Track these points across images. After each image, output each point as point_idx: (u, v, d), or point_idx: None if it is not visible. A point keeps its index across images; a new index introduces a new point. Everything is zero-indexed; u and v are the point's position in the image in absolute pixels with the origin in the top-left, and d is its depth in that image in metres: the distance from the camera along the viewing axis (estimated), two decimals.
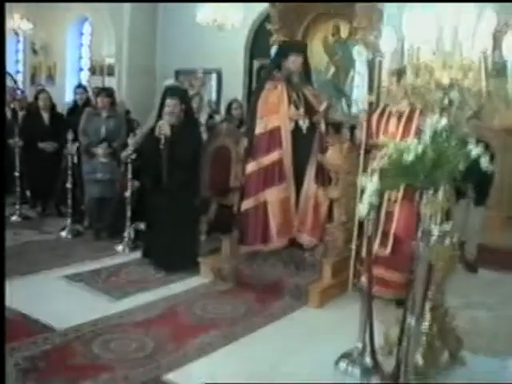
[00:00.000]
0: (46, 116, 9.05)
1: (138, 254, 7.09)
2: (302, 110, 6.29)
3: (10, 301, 4.84)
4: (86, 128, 8.06)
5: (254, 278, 6.17)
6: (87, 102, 9.33)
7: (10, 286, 4.91)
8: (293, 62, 6.29)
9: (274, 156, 6.21)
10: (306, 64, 6.49)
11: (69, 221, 8.04)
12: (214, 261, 6.55)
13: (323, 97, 6.61)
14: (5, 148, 8.59)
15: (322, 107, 6.37)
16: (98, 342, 4.71)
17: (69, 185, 7.96)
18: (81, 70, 15.33)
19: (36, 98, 9.25)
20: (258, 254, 6.37)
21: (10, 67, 13.57)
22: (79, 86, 10.25)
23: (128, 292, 5.91)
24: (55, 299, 5.60)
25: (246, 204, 6.38)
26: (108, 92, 8.45)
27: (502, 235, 8.22)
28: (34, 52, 15.67)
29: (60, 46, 15.22)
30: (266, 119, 6.24)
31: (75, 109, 9.47)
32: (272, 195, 6.23)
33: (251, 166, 6.34)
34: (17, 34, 13.38)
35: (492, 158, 5.89)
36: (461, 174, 3.68)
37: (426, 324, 4.21)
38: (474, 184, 6.49)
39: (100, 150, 7.84)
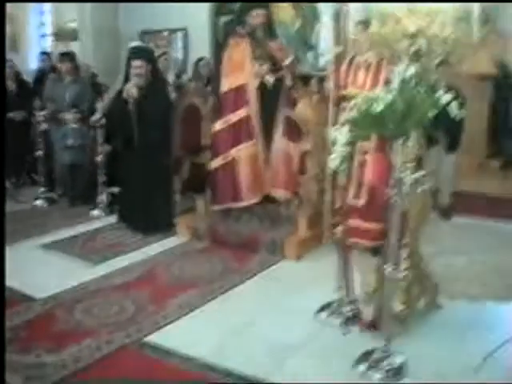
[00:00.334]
0: (12, 85, 8.87)
1: (113, 219, 7.06)
2: (266, 66, 6.20)
3: None
4: (51, 94, 7.95)
5: (230, 235, 6.17)
6: (53, 69, 9.12)
7: None
8: (255, 16, 6.19)
9: (240, 113, 6.16)
10: (269, 18, 6.38)
11: (42, 189, 7.97)
12: (190, 220, 6.53)
13: (289, 50, 6.53)
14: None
15: (287, 62, 6.29)
16: (78, 308, 4.68)
17: (40, 153, 7.86)
18: (43, 36, 15.01)
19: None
20: (232, 211, 6.36)
21: None
22: (43, 53, 10.03)
23: (106, 256, 5.88)
24: (33, 268, 5.57)
25: (215, 162, 6.35)
26: (69, 56, 8.29)
27: (475, 181, 8.28)
28: None
29: (21, 14, 14.87)
30: (231, 77, 6.17)
31: (42, 76, 9.26)
32: (241, 152, 6.21)
33: (219, 125, 6.29)
34: None
35: (462, 104, 5.90)
36: (431, 121, 3.66)
37: (402, 271, 4.23)
38: (445, 131, 6.50)
39: (69, 116, 7.72)
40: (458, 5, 3.68)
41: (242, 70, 6.15)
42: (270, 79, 6.20)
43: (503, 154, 9.42)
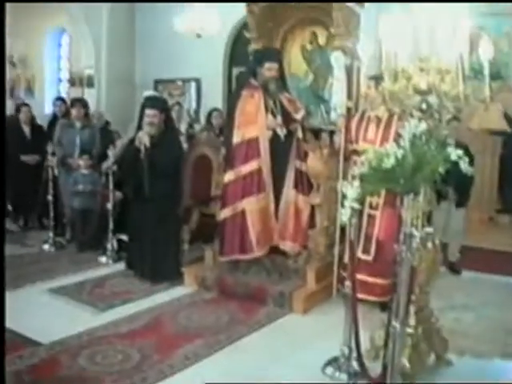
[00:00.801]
0: (27, 129, 9.04)
1: (121, 266, 7.07)
2: (279, 119, 6.29)
3: None
4: (61, 139, 8.13)
5: (238, 286, 6.15)
6: (66, 114, 9.27)
7: None
8: (268, 69, 6.28)
9: (252, 165, 6.19)
10: (281, 70, 6.50)
11: (51, 234, 8.01)
12: (198, 270, 6.53)
13: (301, 103, 6.63)
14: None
15: (300, 116, 6.39)
16: (84, 354, 4.67)
17: (50, 197, 7.94)
18: (60, 81, 15.27)
19: (18, 111, 9.21)
20: (240, 262, 6.35)
21: None
22: (58, 98, 10.20)
23: (113, 304, 5.88)
24: (40, 313, 5.57)
25: (224, 213, 6.34)
26: (81, 102, 8.52)
27: (484, 236, 8.29)
28: (12, 64, 15.57)
29: (38, 58, 15.17)
30: (243, 129, 6.22)
31: (55, 121, 9.36)
32: (251, 205, 6.21)
33: (229, 176, 6.31)
34: None
35: (471, 159, 5.97)
36: (441, 176, 3.70)
37: (411, 326, 4.22)
38: (455, 186, 6.55)
39: (81, 162, 7.84)
40: (469, 62, 3.73)
41: (255, 122, 6.21)
42: (282, 132, 6.28)
43: None
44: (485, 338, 5.25)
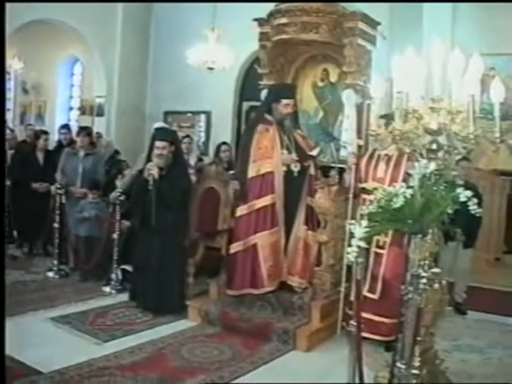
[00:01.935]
0: (40, 156, 9.10)
1: (125, 296, 7.05)
2: (294, 155, 6.34)
3: None
4: (64, 167, 8.19)
5: (242, 321, 6.12)
6: (72, 142, 9.32)
7: None
8: (285, 105, 6.35)
9: (266, 200, 6.22)
10: (297, 107, 6.58)
11: (55, 261, 8.02)
12: (201, 304, 6.51)
13: (312, 140, 6.69)
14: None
15: (315, 152, 6.45)
16: None
17: (56, 224, 7.96)
18: (71, 109, 15.42)
19: (37, 137, 9.29)
20: (245, 297, 6.34)
21: None
22: (63, 126, 10.11)
23: (115, 335, 5.86)
24: (42, 341, 5.54)
25: (235, 247, 6.35)
26: (86, 131, 8.62)
27: (490, 276, 8.27)
28: (25, 91, 15.75)
29: (51, 86, 15.35)
30: (259, 163, 6.27)
31: (60, 149, 9.29)
32: (263, 239, 6.22)
33: (242, 209, 6.34)
34: (8, 72, 13.45)
35: (480, 200, 5.96)
36: (449, 217, 3.71)
37: (415, 367, 4.19)
38: (463, 227, 6.55)
39: (90, 195, 7.93)
40: (481, 103, 3.76)
41: (271, 157, 6.26)
42: (295, 168, 6.32)
43: None
44: (491, 380, 5.21)
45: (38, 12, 11.08)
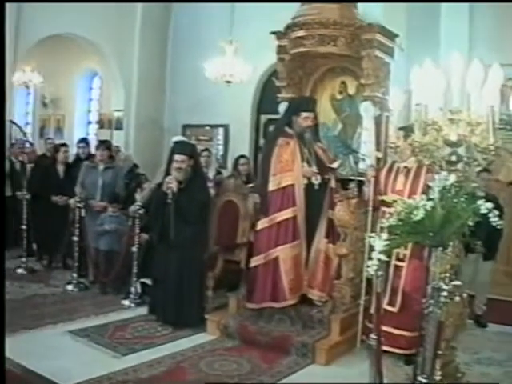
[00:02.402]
0: (61, 169, 9.16)
1: (144, 310, 7.06)
2: (314, 167, 6.34)
3: (15, 355, 4.82)
4: (84, 181, 8.24)
5: (261, 335, 6.10)
6: (90, 156, 9.34)
7: (15, 340, 4.90)
8: (305, 118, 6.37)
9: (287, 213, 6.21)
10: (317, 120, 6.59)
11: (75, 274, 8.05)
12: (220, 317, 6.49)
13: (331, 153, 6.69)
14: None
15: (336, 164, 6.45)
16: None
17: (75, 238, 8.00)
18: (89, 123, 15.51)
19: (56, 150, 9.37)
20: (264, 310, 6.32)
21: (19, 119, 13.75)
22: (81, 140, 10.09)
23: (134, 348, 5.86)
24: (60, 354, 5.55)
25: (256, 260, 6.35)
26: (105, 145, 8.67)
27: (509, 288, 8.19)
28: (44, 105, 15.86)
29: (69, 100, 15.45)
30: (279, 176, 6.28)
31: (77, 162, 9.27)
32: (285, 253, 6.21)
33: (263, 223, 6.34)
34: (27, 86, 13.54)
35: (501, 212, 5.94)
36: (470, 229, 3.69)
37: (436, 381, 4.16)
38: (483, 239, 6.51)
39: (110, 208, 7.99)
40: (499, 114, 3.73)
41: (291, 170, 6.27)
42: (316, 181, 6.32)
43: None
44: None
45: (56, 27, 11.17)
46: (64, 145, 9.65)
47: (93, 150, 9.39)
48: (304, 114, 6.37)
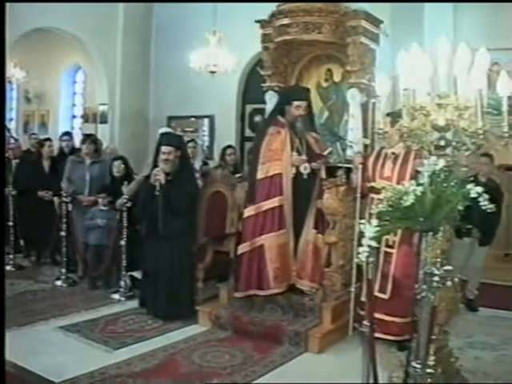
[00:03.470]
0: (46, 164, 9.11)
1: (134, 303, 7.04)
2: (304, 156, 6.32)
3: (8, 352, 4.76)
4: (71, 176, 8.20)
5: (253, 325, 6.10)
6: (75, 150, 9.30)
7: (7, 338, 4.84)
8: (297, 107, 6.35)
9: (274, 202, 6.21)
10: (309, 109, 6.56)
11: (64, 270, 8.01)
12: (212, 309, 6.49)
13: (325, 142, 6.68)
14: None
15: (326, 152, 6.42)
16: None
17: (63, 233, 7.96)
18: (74, 117, 15.40)
19: (41, 145, 9.32)
20: (255, 300, 6.32)
21: None
22: (65, 133, 10.07)
23: (125, 342, 5.85)
24: (52, 350, 5.53)
25: (242, 248, 6.35)
26: (92, 138, 8.66)
27: (499, 272, 8.23)
28: (28, 100, 15.72)
29: (53, 95, 15.32)
30: (268, 165, 6.27)
31: (61, 157, 9.23)
32: (270, 240, 6.21)
33: (249, 210, 6.34)
34: (10, 82, 13.40)
35: (501, 198, 5.96)
36: (461, 214, 3.68)
37: (430, 366, 4.16)
38: (478, 224, 6.51)
39: (99, 200, 7.93)
40: (487, 98, 3.71)
41: (280, 159, 6.26)
42: (305, 170, 6.29)
43: None
44: (506, 378, 5.17)
45: (38, 20, 11.04)
46: (48, 139, 9.58)
47: (77, 144, 9.33)
48: (296, 103, 6.35)
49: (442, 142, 3.86)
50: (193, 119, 12.61)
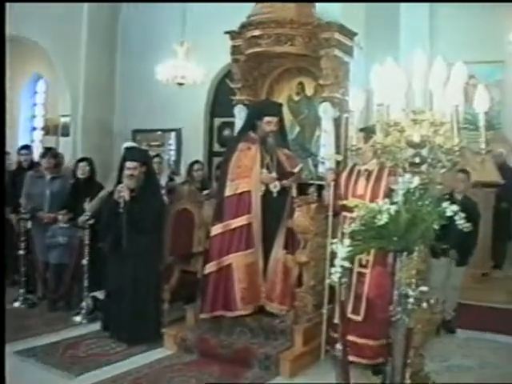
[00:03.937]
0: (8, 180, 8.95)
1: (97, 326, 6.94)
2: (274, 174, 6.33)
3: None
4: (30, 192, 8.09)
5: (221, 348, 6.06)
6: (32, 165, 9.19)
7: None
8: (268, 123, 6.35)
9: (242, 220, 6.21)
10: (281, 124, 6.56)
11: (22, 290, 7.91)
12: (178, 331, 6.44)
13: (297, 159, 6.68)
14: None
15: (296, 169, 6.43)
16: None
17: (22, 251, 7.86)
18: (34, 129, 15.26)
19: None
20: (224, 322, 6.29)
21: None
22: (23, 146, 9.93)
23: (87, 367, 5.76)
24: (6, 378, 5.42)
25: (209, 267, 6.32)
26: (52, 152, 8.52)
27: (477, 292, 8.28)
28: None
29: (12, 105, 15.16)
30: (236, 182, 6.27)
31: (19, 171, 9.09)
32: (238, 260, 6.19)
33: (217, 228, 6.32)
34: None
35: (477, 217, 6.00)
36: (437, 234, 3.71)
37: None
38: (454, 244, 6.53)
39: (60, 217, 7.83)
40: (463, 113, 3.75)
41: (249, 176, 6.26)
42: (275, 188, 6.30)
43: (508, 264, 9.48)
44: None
45: None
46: (6, 153, 9.44)
47: (37, 158, 9.23)
48: (267, 119, 6.35)
49: (417, 159, 3.89)
50: (159, 133, 12.59)
